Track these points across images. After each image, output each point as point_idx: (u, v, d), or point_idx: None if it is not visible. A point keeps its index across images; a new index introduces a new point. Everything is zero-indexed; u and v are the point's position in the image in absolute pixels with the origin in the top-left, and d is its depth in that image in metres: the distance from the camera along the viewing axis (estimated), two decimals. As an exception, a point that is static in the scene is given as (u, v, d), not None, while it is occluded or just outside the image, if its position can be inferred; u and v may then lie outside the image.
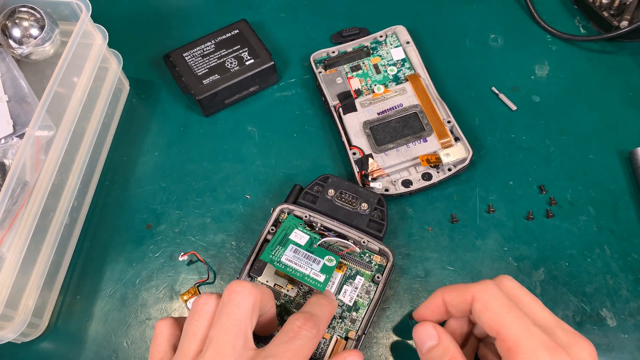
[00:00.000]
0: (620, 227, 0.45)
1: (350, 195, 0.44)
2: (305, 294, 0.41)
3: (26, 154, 0.39)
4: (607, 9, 0.54)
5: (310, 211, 0.43)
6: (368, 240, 0.42)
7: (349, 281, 0.41)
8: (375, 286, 0.41)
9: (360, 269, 0.42)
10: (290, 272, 0.39)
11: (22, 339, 0.42)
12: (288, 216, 0.44)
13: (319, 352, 0.39)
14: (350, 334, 0.39)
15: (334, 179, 0.45)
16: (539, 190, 0.47)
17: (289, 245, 0.41)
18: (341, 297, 0.41)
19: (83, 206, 0.48)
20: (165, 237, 0.47)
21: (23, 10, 0.46)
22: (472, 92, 0.53)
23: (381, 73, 0.52)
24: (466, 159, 0.47)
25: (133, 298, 0.44)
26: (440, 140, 0.47)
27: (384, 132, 0.48)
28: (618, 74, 0.53)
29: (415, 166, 0.48)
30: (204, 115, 0.53)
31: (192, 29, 0.58)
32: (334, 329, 0.40)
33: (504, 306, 0.31)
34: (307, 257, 0.40)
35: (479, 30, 0.57)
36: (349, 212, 0.43)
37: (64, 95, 0.43)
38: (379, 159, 0.47)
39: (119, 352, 0.42)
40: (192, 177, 0.50)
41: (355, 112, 0.50)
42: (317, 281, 0.39)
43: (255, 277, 0.41)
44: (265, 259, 0.40)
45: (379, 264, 0.42)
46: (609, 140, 0.50)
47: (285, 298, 0.41)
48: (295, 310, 0.40)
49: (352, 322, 0.40)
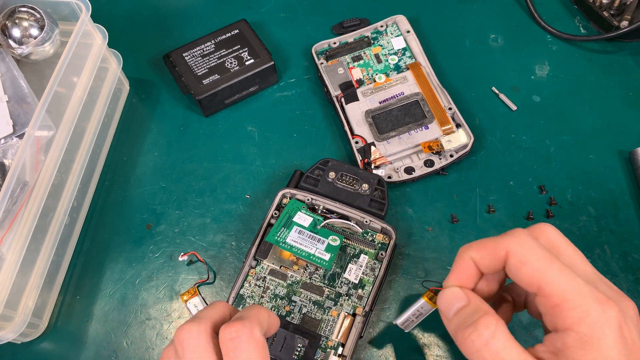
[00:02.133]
0: (620, 227, 0.45)
1: (350, 177, 0.45)
2: (311, 274, 0.42)
3: (26, 154, 0.39)
4: (607, 9, 0.54)
5: (312, 194, 0.44)
6: (370, 219, 0.43)
7: (354, 260, 0.42)
8: (379, 263, 0.42)
9: (364, 248, 0.43)
10: (296, 252, 0.40)
11: (22, 339, 0.42)
12: (291, 200, 0.44)
13: (328, 329, 0.40)
14: (357, 310, 0.40)
15: (334, 162, 0.46)
16: (539, 190, 0.47)
17: (293, 227, 0.42)
18: (347, 276, 0.42)
19: (83, 206, 0.48)
20: (165, 237, 0.47)
21: (23, 10, 0.46)
22: (472, 92, 0.53)
23: (382, 62, 0.53)
24: (467, 144, 0.47)
25: (133, 298, 0.44)
26: (442, 127, 0.48)
27: (385, 120, 0.49)
28: (618, 74, 0.53)
29: (418, 153, 0.48)
30: (204, 115, 0.53)
31: (192, 29, 0.58)
32: (342, 306, 0.41)
33: (544, 259, 0.27)
34: (311, 238, 0.41)
35: (479, 30, 0.57)
36: (350, 194, 0.44)
37: (64, 95, 0.43)
38: (381, 147, 0.48)
39: (119, 352, 0.42)
40: (192, 177, 0.50)
41: (357, 101, 0.50)
42: (322, 260, 0.40)
43: (261, 260, 0.42)
44: (270, 240, 0.41)
45: (382, 242, 0.43)
46: (609, 140, 0.50)
47: (291, 279, 0.42)
48: (302, 291, 0.41)
49: (359, 299, 0.41)
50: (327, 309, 0.41)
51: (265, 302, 0.41)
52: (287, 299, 0.41)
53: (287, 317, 0.40)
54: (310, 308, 0.41)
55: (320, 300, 0.41)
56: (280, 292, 0.41)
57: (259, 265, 0.42)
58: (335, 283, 0.42)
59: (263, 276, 0.42)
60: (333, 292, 0.41)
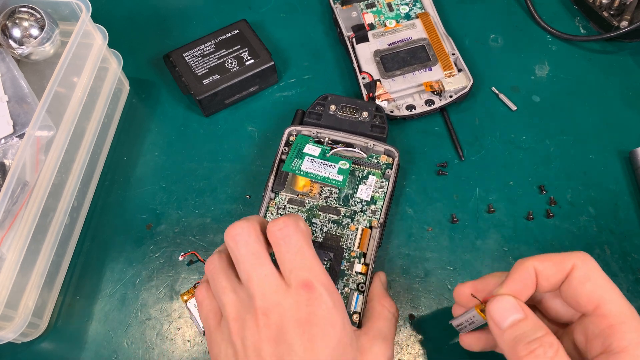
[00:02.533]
0: (620, 227, 0.45)
1: (350, 108, 0.49)
2: (326, 198, 0.45)
3: (26, 154, 0.39)
4: (607, 9, 0.54)
5: (317, 128, 0.48)
6: (374, 143, 0.47)
7: (363, 181, 0.46)
8: (387, 181, 0.46)
9: (371, 170, 0.47)
10: (312, 177, 0.45)
11: (22, 339, 0.42)
12: (298, 136, 0.48)
13: (349, 242, 0.43)
14: (373, 223, 0.44)
15: (332, 96, 0.49)
16: (539, 190, 0.47)
17: (305, 157, 0.46)
18: (359, 195, 0.45)
19: (83, 206, 0.48)
20: (165, 237, 0.47)
21: (23, 10, 0.46)
22: (472, 92, 0.53)
23: (394, 11, 0.56)
24: (467, 86, 0.50)
25: (133, 298, 0.44)
26: (444, 70, 0.51)
27: (392, 60, 0.52)
28: (618, 74, 0.53)
29: (420, 93, 0.51)
30: (204, 115, 0.53)
31: (192, 29, 0.58)
32: (359, 221, 0.44)
33: (607, 279, 0.28)
34: (323, 165, 0.45)
35: (479, 30, 0.57)
36: (352, 122, 0.48)
37: (64, 95, 0.43)
38: (386, 84, 0.51)
39: (119, 352, 0.42)
40: (192, 177, 0.50)
41: (367, 42, 0.54)
42: (337, 180, 0.44)
43: (279, 192, 0.46)
44: (287, 169, 0.45)
45: (386, 163, 0.47)
46: (609, 140, 0.50)
47: (309, 204, 0.45)
48: (320, 214, 0.45)
49: (373, 213, 0.45)
50: (346, 225, 0.44)
51: None
52: (308, 221, 0.45)
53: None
54: (330, 227, 0.44)
55: (338, 219, 0.45)
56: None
57: (277, 196, 0.46)
58: (349, 203, 0.45)
59: (283, 205, 0.45)
60: (349, 210, 0.45)
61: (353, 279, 0.42)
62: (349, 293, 0.41)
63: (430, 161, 0.49)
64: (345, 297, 0.41)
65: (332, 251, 0.43)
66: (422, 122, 0.52)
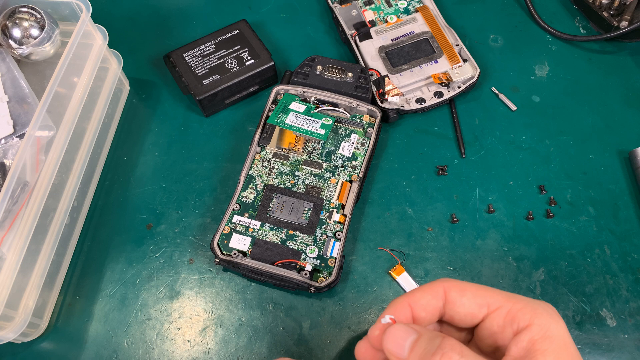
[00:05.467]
0: (620, 227, 0.45)
1: (336, 69, 0.50)
2: (310, 153, 0.48)
3: (26, 154, 0.39)
4: (607, 9, 0.54)
5: (304, 87, 0.50)
6: (357, 103, 0.49)
7: (346, 139, 0.48)
8: (368, 139, 0.48)
9: (354, 128, 0.49)
10: (295, 129, 0.47)
11: (22, 339, 0.42)
12: (285, 94, 0.50)
13: (329, 194, 0.45)
14: (353, 177, 0.46)
15: (320, 58, 0.51)
16: (539, 190, 0.47)
17: (290, 112, 0.48)
18: (341, 151, 0.48)
19: (83, 206, 0.48)
20: (165, 237, 0.47)
21: (23, 10, 0.46)
22: (471, 92, 0.53)
23: (392, 6, 0.57)
24: (474, 76, 0.51)
25: (133, 298, 0.44)
26: (450, 61, 0.52)
27: (398, 55, 0.53)
28: (618, 74, 0.53)
29: (428, 86, 0.52)
30: (204, 115, 0.53)
31: (192, 29, 0.58)
32: (339, 175, 0.47)
33: (476, 285, 0.29)
34: (307, 120, 0.47)
35: (479, 30, 0.57)
36: (338, 82, 0.50)
37: (64, 95, 0.43)
38: (394, 79, 0.51)
39: (119, 352, 0.42)
40: (192, 177, 0.50)
41: (371, 39, 0.54)
42: (318, 134, 0.47)
43: (264, 147, 0.48)
44: (272, 121, 0.47)
45: (368, 122, 0.49)
46: (609, 140, 0.50)
47: (293, 159, 0.47)
48: (303, 167, 0.47)
49: (353, 169, 0.47)
50: (327, 178, 0.47)
51: (272, 179, 0.47)
52: (291, 174, 0.47)
53: (293, 188, 0.46)
54: (312, 180, 0.47)
55: (319, 173, 0.47)
56: (285, 170, 0.47)
57: (263, 150, 0.48)
58: (331, 158, 0.48)
59: (268, 159, 0.48)
60: (330, 165, 0.47)
61: (331, 227, 0.44)
62: (326, 240, 0.44)
63: (430, 161, 0.49)
64: (323, 244, 0.44)
65: (312, 202, 0.45)
66: (422, 122, 0.52)
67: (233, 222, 0.45)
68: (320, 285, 0.42)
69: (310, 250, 0.43)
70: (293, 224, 0.44)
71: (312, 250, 0.43)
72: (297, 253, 0.43)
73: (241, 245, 0.44)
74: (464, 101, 0.52)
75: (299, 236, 0.44)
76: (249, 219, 0.45)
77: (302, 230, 0.44)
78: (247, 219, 0.45)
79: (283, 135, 0.48)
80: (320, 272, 0.43)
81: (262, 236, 0.44)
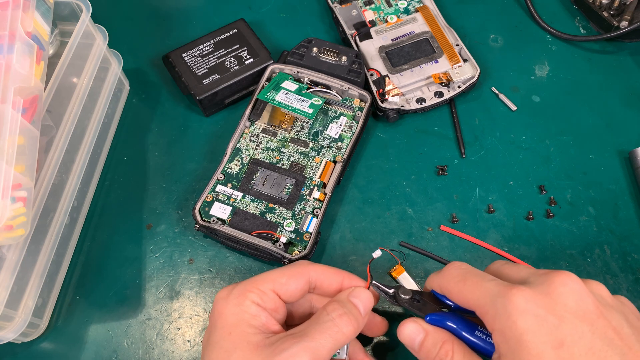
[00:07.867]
0: (620, 227, 0.45)
1: (331, 52, 0.51)
2: (297, 132, 0.49)
3: (26, 154, 0.39)
4: (607, 9, 0.55)
5: (298, 67, 0.51)
6: (349, 87, 0.50)
7: (334, 121, 0.49)
8: (356, 123, 0.49)
9: (343, 111, 0.50)
10: (283, 106, 0.48)
11: (22, 339, 0.42)
12: (279, 73, 0.51)
13: (312, 172, 0.46)
14: (337, 158, 0.47)
15: (316, 40, 0.52)
16: (539, 190, 0.47)
17: (281, 90, 0.49)
18: (328, 132, 0.49)
19: (83, 206, 0.48)
20: (165, 237, 0.47)
21: (23, 10, 0.46)
22: (472, 92, 0.53)
23: (392, 6, 0.57)
24: (474, 76, 0.51)
25: (133, 298, 0.44)
26: (451, 61, 0.52)
27: (398, 55, 0.53)
28: (618, 74, 0.53)
29: (428, 86, 0.52)
30: (204, 115, 0.53)
31: (192, 29, 0.58)
32: (324, 155, 0.47)
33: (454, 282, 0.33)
34: (297, 98, 0.48)
35: (479, 30, 0.57)
36: (332, 65, 0.51)
37: (64, 95, 0.43)
38: (394, 79, 0.51)
39: (119, 352, 0.42)
40: (192, 177, 0.50)
41: (371, 39, 0.54)
42: (306, 112, 0.47)
43: (254, 122, 0.49)
44: (262, 97, 0.48)
45: (359, 106, 0.50)
46: (609, 140, 0.50)
47: (281, 135, 0.49)
48: (290, 145, 0.48)
49: (339, 150, 0.48)
50: (312, 157, 0.47)
51: (258, 153, 0.48)
52: (277, 150, 0.48)
53: (277, 164, 0.47)
54: (297, 157, 0.48)
55: (305, 151, 0.48)
56: (272, 145, 0.48)
57: (252, 125, 0.49)
58: (318, 138, 0.48)
59: (257, 134, 0.49)
60: (317, 145, 0.48)
61: (310, 203, 0.45)
62: (304, 215, 0.45)
63: (431, 161, 0.49)
64: (300, 219, 0.44)
65: (294, 178, 0.46)
66: (423, 122, 0.52)
67: (216, 191, 0.46)
68: (293, 258, 0.42)
69: (287, 224, 0.44)
70: (274, 198, 0.45)
71: (289, 224, 0.44)
72: (274, 225, 0.44)
73: (221, 214, 0.44)
74: (464, 101, 0.52)
75: (278, 210, 0.45)
76: (232, 190, 0.46)
77: (282, 204, 0.45)
78: (230, 189, 0.46)
79: (275, 114, 0.49)
80: (295, 246, 0.43)
81: (243, 207, 0.45)
